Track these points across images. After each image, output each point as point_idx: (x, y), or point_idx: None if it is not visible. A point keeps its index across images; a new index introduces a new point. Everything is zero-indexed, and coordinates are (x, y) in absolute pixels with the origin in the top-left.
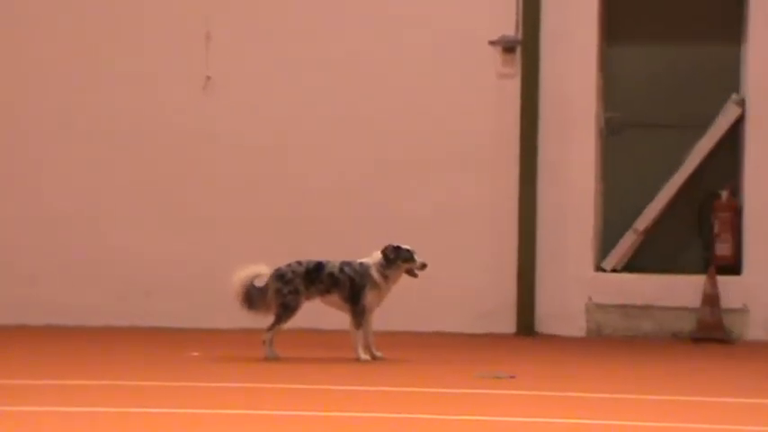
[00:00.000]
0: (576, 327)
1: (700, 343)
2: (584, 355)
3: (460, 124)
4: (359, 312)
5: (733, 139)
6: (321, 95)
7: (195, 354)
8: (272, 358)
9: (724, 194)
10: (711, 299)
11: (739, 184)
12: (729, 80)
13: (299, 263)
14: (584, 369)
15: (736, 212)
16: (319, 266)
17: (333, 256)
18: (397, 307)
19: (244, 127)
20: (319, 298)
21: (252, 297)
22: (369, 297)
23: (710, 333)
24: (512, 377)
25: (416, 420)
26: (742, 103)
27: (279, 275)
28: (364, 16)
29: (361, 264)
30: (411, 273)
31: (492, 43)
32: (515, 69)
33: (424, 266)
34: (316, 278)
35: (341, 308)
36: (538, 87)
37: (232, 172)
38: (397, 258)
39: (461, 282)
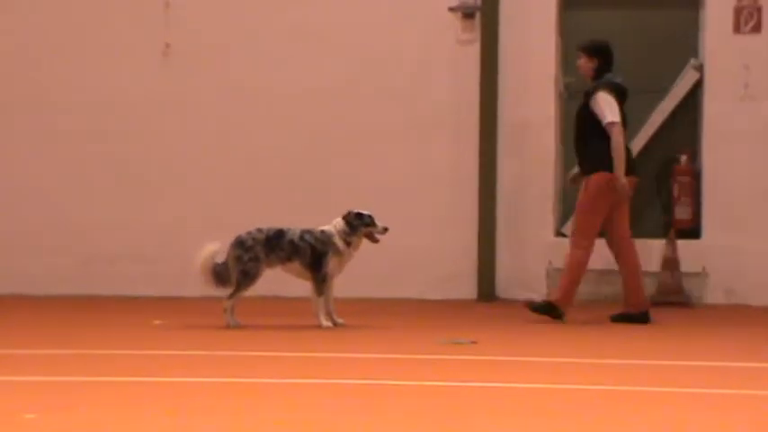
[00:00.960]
0: (536, 291)
1: (660, 307)
2: (544, 320)
3: (421, 90)
4: (320, 279)
5: (691, 104)
6: (281, 63)
7: (158, 322)
8: (234, 326)
9: (683, 159)
10: (671, 263)
11: (698, 149)
12: (687, 45)
13: (260, 230)
14: (544, 334)
15: (695, 177)
16: (280, 234)
17: (294, 224)
18: (358, 274)
19: (204, 95)
20: (280, 266)
21: (219, 274)
22: (331, 264)
23: (670, 297)
24: (473, 342)
25: (378, 386)
26: (700, 68)
27: (239, 242)
28: None
29: (322, 231)
30: (372, 238)
31: (451, 9)
32: (475, 35)
33: (385, 230)
34: (276, 245)
35: (302, 275)
36: (497, 53)
37: (193, 140)
38: (360, 224)
39: (422, 248)
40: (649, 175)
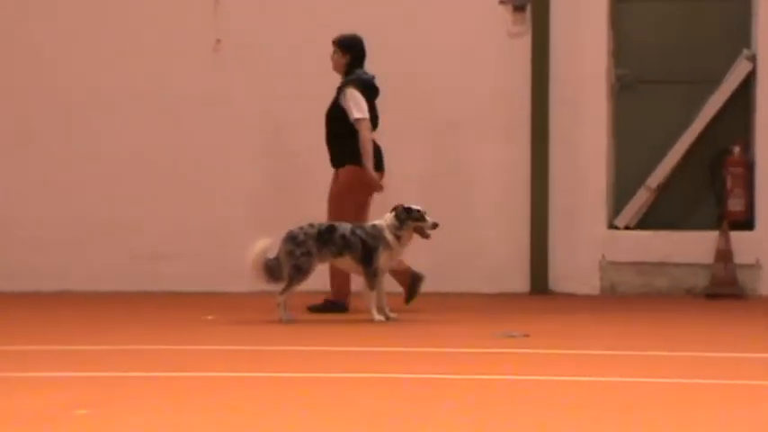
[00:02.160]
0: (589, 285)
1: (713, 299)
2: (598, 312)
3: (472, 84)
4: (372, 274)
5: (744, 95)
6: (329, 60)
7: (210, 317)
8: (287, 321)
9: (736, 150)
10: (724, 255)
11: (751, 140)
12: (740, 35)
13: (312, 225)
14: (598, 327)
15: (748, 168)
16: (331, 228)
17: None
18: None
19: (254, 93)
20: (332, 260)
21: (272, 270)
22: (382, 258)
23: (724, 289)
24: (526, 336)
25: (431, 380)
26: (753, 59)
27: (291, 237)
28: None
29: (373, 225)
30: (422, 233)
31: (502, 2)
32: (526, 28)
33: (435, 226)
34: (328, 240)
35: (354, 270)
36: (548, 46)
37: (240, 138)
38: (408, 218)
39: (474, 241)
40: (702, 166)
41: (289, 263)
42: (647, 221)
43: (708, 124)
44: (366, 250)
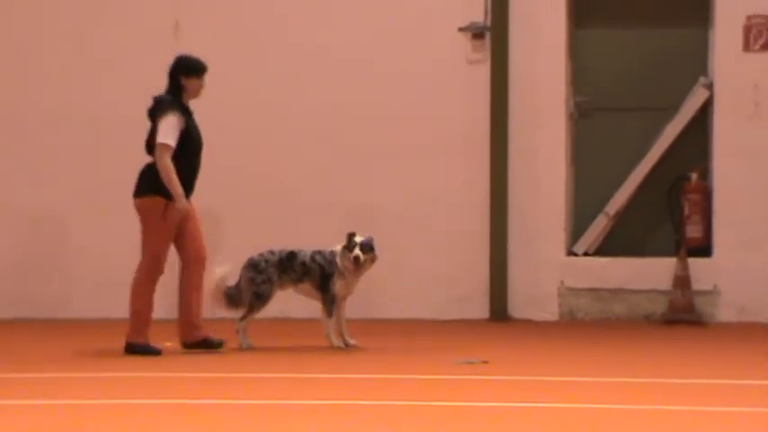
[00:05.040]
0: (548, 311)
1: (671, 325)
2: (556, 339)
3: (431, 110)
4: (329, 300)
5: (701, 122)
6: (291, 82)
7: (168, 344)
8: (247, 348)
9: (693, 177)
10: (682, 281)
11: (708, 167)
12: (697, 63)
13: (272, 252)
14: (557, 353)
15: (706, 195)
16: (292, 255)
17: (304, 244)
18: (370, 294)
19: (212, 117)
20: (292, 287)
21: (232, 297)
22: (338, 285)
23: (682, 315)
24: (485, 362)
25: (390, 407)
26: (710, 87)
27: (252, 265)
28: (332, 5)
29: (331, 252)
30: (356, 262)
31: (461, 29)
32: (485, 55)
33: (356, 259)
34: (289, 267)
35: (313, 296)
36: (507, 73)
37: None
38: (346, 247)
39: (434, 268)
40: (660, 192)
41: (250, 290)
42: (606, 248)
43: (666, 151)
44: (324, 277)
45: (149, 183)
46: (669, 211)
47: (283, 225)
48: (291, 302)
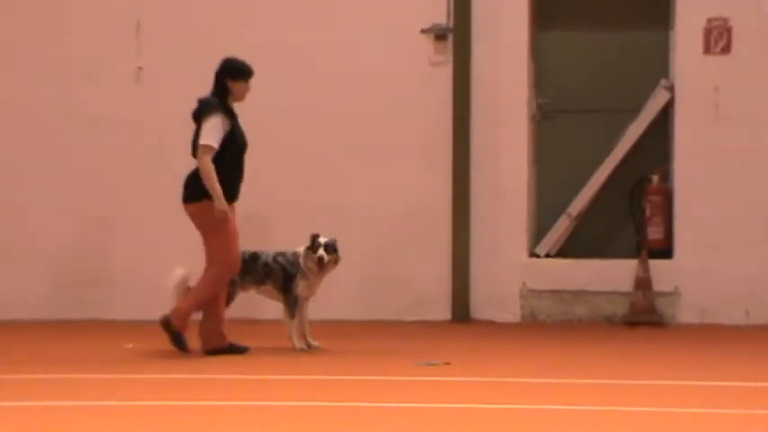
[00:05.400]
0: (510, 312)
1: (633, 326)
2: (518, 340)
3: (394, 112)
4: (291, 302)
5: (663, 124)
6: (253, 85)
7: (130, 345)
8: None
9: (655, 179)
10: (644, 282)
11: (669, 169)
12: (659, 66)
13: None
14: (518, 354)
15: (667, 196)
16: (254, 257)
17: (269, 246)
18: (332, 296)
19: (177, 118)
20: (255, 289)
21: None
22: (300, 286)
23: (643, 316)
24: (447, 364)
25: (352, 408)
26: (671, 89)
27: None
28: (296, 4)
29: (294, 253)
30: (320, 263)
31: (424, 31)
32: (447, 57)
33: (320, 260)
34: (251, 269)
35: (276, 297)
36: (470, 74)
37: (164, 164)
38: (310, 248)
39: (396, 270)
40: (622, 194)
41: None
42: (568, 249)
43: (627, 153)
44: (286, 278)
45: (199, 187)
46: (630, 213)
47: (248, 225)
48: (257, 304)
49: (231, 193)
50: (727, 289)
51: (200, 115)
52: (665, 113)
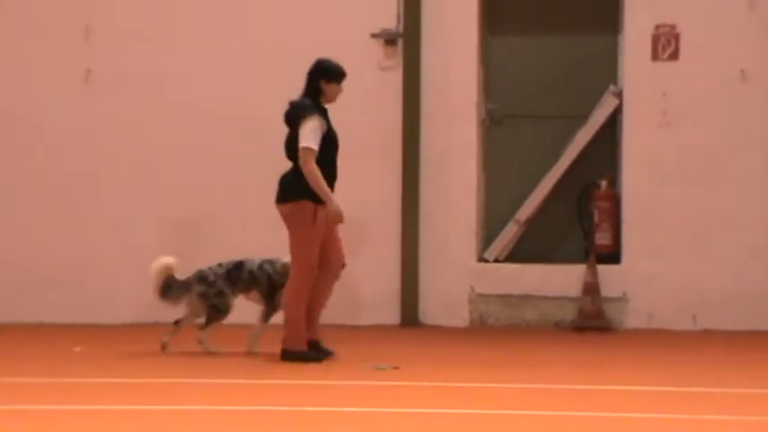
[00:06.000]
0: (459, 317)
1: (581, 332)
2: (467, 345)
3: (343, 117)
4: (272, 309)
5: (611, 130)
6: (202, 90)
7: (77, 349)
8: (212, 352)
9: (603, 184)
10: (592, 288)
11: (618, 174)
12: (607, 71)
13: (220, 265)
14: (467, 359)
15: (615, 202)
16: (239, 266)
17: (213, 255)
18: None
19: (124, 123)
20: (244, 296)
21: (170, 287)
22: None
23: (591, 322)
24: (395, 368)
25: (302, 413)
26: (619, 95)
27: (201, 278)
28: (245, 9)
29: (283, 264)
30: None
31: (374, 36)
32: (397, 62)
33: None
34: (237, 277)
35: (262, 303)
36: (419, 79)
37: (113, 169)
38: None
39: (345, 273)
40: (570, 200)
41: (204, 303)
42: (517, 254)
43: (576, 159)
44: (272, 286)
45: (295, 188)
46: (579, 219)
47: (196, 235)
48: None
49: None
50: (675, 295)
51: (294, 118)
52: (614, 119)
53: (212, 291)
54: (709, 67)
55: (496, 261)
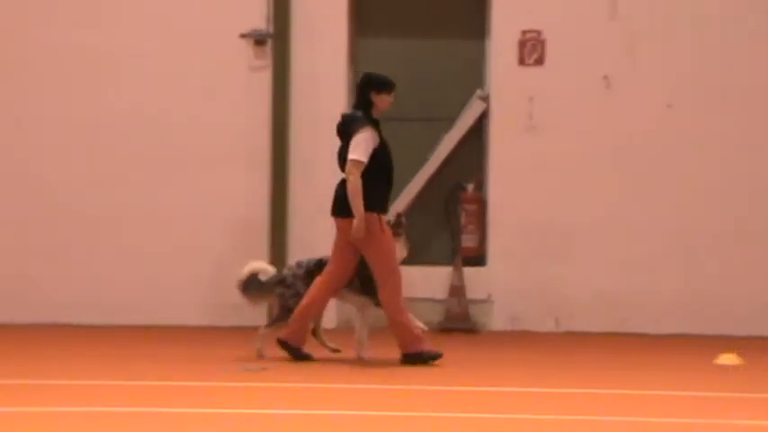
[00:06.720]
0: (326, 318)
1: (447, 333)
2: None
3: (212, 117)
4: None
5: (478, 134)
6: (68, 89)
7: None
8: (261, 352)
9: (470, 187)
10: (458, 290)
11: (484, 178)
12: (474, 76)
13: (299, 264)
14: (333, 360)
15: (482, 205)
16: (320, 264)
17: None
18: (146, 301)
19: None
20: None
21: (250, 284)
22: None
23: (457, 323)
24: (263, 369)
25: (164, 414)
26: (486, 99)
27: (280, 280)
28: (113, 6)
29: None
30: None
31: (243, 36)
32: (267, 62)
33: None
34: (318, 276)
35: (351, 301)
36: (289, 80)
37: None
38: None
39: (212, 274)
40: (438, 202)
41: (279, 303)
42: None
43: (443, 162)
44: (364, 278)
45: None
46: (446, 221)
47: (68, 236)
48: None
49: (382, 205)
50: (538, 297)
51: (346, 130)
52: (481, 123)
53: (290, 292)
54: (573, 71)
55: None
